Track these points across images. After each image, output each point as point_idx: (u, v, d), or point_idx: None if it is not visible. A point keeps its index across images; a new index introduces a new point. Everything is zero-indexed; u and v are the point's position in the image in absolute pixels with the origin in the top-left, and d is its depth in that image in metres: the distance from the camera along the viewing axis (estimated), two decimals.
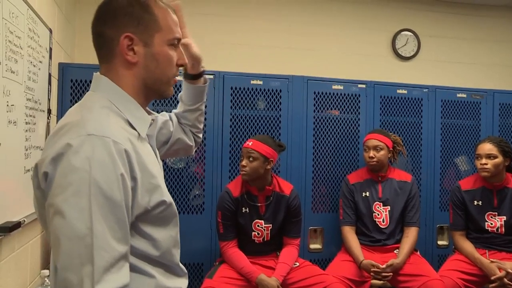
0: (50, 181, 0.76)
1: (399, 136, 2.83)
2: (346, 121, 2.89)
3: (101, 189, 0.76)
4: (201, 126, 1.34)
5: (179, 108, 1.33)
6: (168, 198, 0.89)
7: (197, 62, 1.26)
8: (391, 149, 2.64)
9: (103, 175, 0.76)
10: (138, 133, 0.90)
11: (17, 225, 1.67)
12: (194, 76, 1.29)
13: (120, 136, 0.82)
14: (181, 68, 1.02)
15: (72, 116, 0.84)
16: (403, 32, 3.63)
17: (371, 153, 2.57)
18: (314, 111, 2.83)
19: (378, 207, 2.63)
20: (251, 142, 2.26)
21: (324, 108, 2.85)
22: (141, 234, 0.84)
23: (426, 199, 2.99)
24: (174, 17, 0.96)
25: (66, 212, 0.74)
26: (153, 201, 0.85)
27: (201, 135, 1.35)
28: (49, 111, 2.28)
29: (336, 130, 2.88)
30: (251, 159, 2.21)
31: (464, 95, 3.06)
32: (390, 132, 2.84)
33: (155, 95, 0.97)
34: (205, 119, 2.65)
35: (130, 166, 0.81)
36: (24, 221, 1.77)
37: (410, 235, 2.56)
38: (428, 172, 3.00)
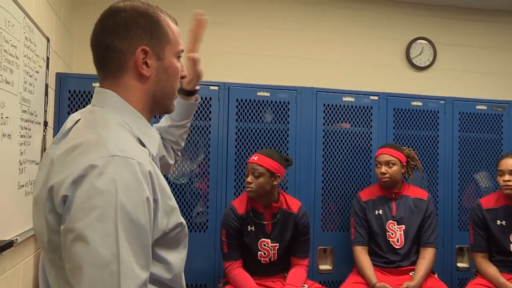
0: (69, 204, 0.75)
1: (414, 150, 2.79)
2: (357, 135, 2.87)
3: (127, 213, 0.75)
4: (183, 144, 1.35)
5: (164, 123, 1.33)
6: (183, 219, 0.90)
7: (197, 79, 1.29)
8: (405, 164, 2.61)
9: (130, 199, 0.75)
10: (149, 151, 0.90)
11: (9, 244, 1.65)
12: (189, 92, 1.30)
13: (143, 157, 0.82)
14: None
15: (85, 134, 0.83)
16: (418, 41, 3.60)
17: (383, 169, 2.54)
18: (324, 124, 2.82)
19: (392, 226, 2.59)
20: (256, 157, 2.25)
21: (334, 121, 2.84)
22: (157, 258, 0.84)
23: (443, 217, 2.95)
24: (177, 28, 0.98)
25: (89, 237, 0.72)
26: (171, 224, 0.86)
27: (180, 154, 1.35)
28: (46, 124, 2.27)
29: (347, 144, 2.86)
30: (256, 174, 2.20)
31: (484, 107, 3.01)
32: (404, 146, 2.82)
33: (159, 110, 0.98)
34: (210, 132, 2.66)
35: (153, 188, 0.81)
36: (17, 239, 1.76)
37: (427, 256, 2.52)
38: (445, 189, 2.96)
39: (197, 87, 1.32)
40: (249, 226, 2.28)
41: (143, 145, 0.90)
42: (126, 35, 0.89)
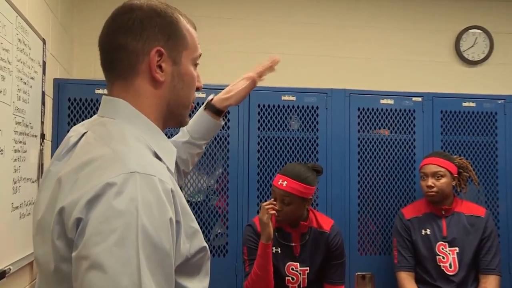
0: (83, 228, 0.74)
1: (466, 160, 2.72)
2: (398, 143, 2.84)
3: (150, 237, 0.74)
4: (191, 167, 1.36)
5: (180, 137, 1.34)
6: (205, 243, 0.91)
7: (237, 101, 1.39)
8: (456, 175, 2.55)
9: (152, 220, 0.75)
10: (167, 167, 0.90)
11: (1, 275, 1.64)
12: (218, 111, 1.37)
13: (164, 174, 0.82)
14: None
15: (97, 149, 0.82)
16: (470, 31, 3.47)
17: (430, 182, 2.49)
18: (359, 131, 2.79)
19: (442, 249, 2.51)
20: (285, 182, 2.17)
21: (370, 127, 2.83)
22: (176, 287, 0.84)
23: (507, 239, 2.83)
24: (196, 34, 1.00)
25: (107, 264, 0.71)
26: (193, 248, 0.86)
27: (186, 177, 1.37)
28: (43, 136, 2.27)
29: (386, 154, 2.82)
30: (286, 202, 2.17)
31: None
32: (454, 155, 2.74)
33: (173, 122, 0.99)
34: (228, 142, 2.65)
35: (175, 208, 0.81)
36: (10, 269, 1.75)
37: (489, 285, 2.43)
38: (507, 204, 2.85)
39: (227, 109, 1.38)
40: (273, 248, 2.25)
41: (160, 160, 0.89)
42: (141, 34, 0.90)
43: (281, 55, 3.20)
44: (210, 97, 1.42)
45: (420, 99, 2.84)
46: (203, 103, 1.53)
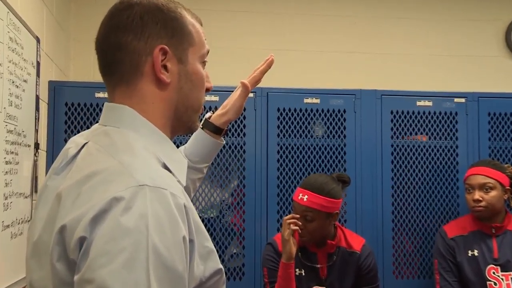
0: (87, 248, 0.74)
1: None
2: (438, 150, 2.80)
3: (161, 257, 0.75)
4: (193, 195, 1.37)
5: None
6: (221, 265, 0.91)
7: (235, 114, 1.41)
8: (508, 188, 2.49)
9: (164, 239, 0.76)
10: (178, 180, 0.91)
11: None
12: (217, 129, 1.39)
13: (176, 187, 0.83)
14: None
15: (101, 160, 0.84)
16: None
17: (477, 195, 2.46)
18: (392, 137, 2.76)
19: (494, 273, 2.45)
20: (306, 196, 2.19)
21: (406, 133, 2.80)
22: None
23: None
24: (202, 29, 1.02)
25: None
26: (208, 270, 0.87)
27: None
28: (37, 146, 2.26)
29: (425, 163, 2.78)
30: (308, 218, 2.18)
31: None
32: (505, 163, 2.69)
33: (182, 128, 1.00)
34: (244, 151, 2.66)
35: (189, 226, 0.82)
36: None
37: None
38: None
39: (227, 126, 1.41)
40: (297, 270, 2.24)
41: (170, 173, 0.91)
42: (142, 32, 0.91)
43: (303, 53, 3.33)
44: (207, 115, 1.47)
45: (463, 100, 2.81)
46: (210, 109, 1.52)
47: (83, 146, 0.90)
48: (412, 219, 2.73)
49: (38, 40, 2.25)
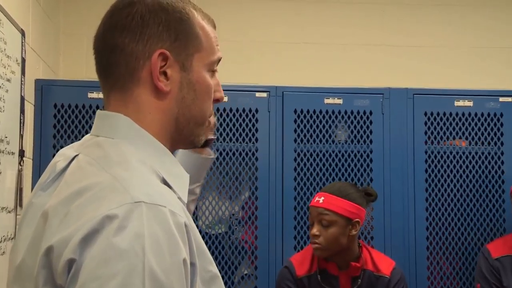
0: (76, 271, 0.76)
1: None
2: (480, 157, 2.77)
3: (158, 283, 0.76)
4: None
5: None
6: None
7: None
8: None
9: (162, 262, 0.77)
10: (179, 197, 0.92)
11: None
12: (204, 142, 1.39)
13: (175, 204, 0.84)
14: None
15: (92, 175, 0.85)
16: None
17: None
18: (426, 142, 2.74)
19: None
20: (322, 198, 2.23)
21: (442, 137, 2.79)
22: None
23: None
24: (215, 32, 1.02)
25: None
26: None
27: None
28: (22, 154, 2.26)
29: (464, 172, 2.76)
30: (325, 223, 2.18)
31: None
32: None
33: (184, 142, 1.01)
34: (257, 158, 2.66)
35: (190, 247, 0.83)
36: None
37: None
38: None
39: (213, 136, 1.41)
40: None
41: (170, 188, 0.92)
42: (142, 33, 0.92)
43: (323, 46, 3.29)
44: None
45: (510, 99, 2.79)
46: (218, 111, 1.51)
47: (72, 159, 0.91)
48: (450, 237, 2.70)
49: (23, 34, 2.25)
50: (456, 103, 2.76)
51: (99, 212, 0.78)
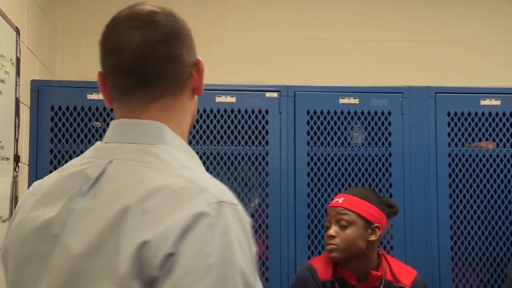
0: (173, 265, 0.85)
1: None
2: (509, 160, 2.77)
3: (244, 276, 0.88)
4: None
5: None
6: None
7: None
8: None
9: (244, 256, 0.89)
10: None
11: None
12: None
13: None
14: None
15: (158, 177, 0.95)
16: None
17: None
18: (450, 144, 2.74)
19: None
20: (342, 198, 2.25)
21: (467, 139, 2.77)
22: None
23: None
24: None
25: None
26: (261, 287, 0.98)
27: None
28: (17, 159, 2.26)
29: (491, 176, 2.74)
30: (343, 223, 2.18)
31: None
32: None
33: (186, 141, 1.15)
34: (267, 163, 2.66)
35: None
36: None
37: None
38: None
39: None
40: None
41: None
42: (189, 44, 1.07)
43: (337, 42, 3.29)
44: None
45: None
46: (226, 112, 1.52)
47: (104, 169, 0.99)
48: (477, 247, 2.69)
49: (17, 32, 2.25)
50: (482, 102, 2.75)
51: (189, 210, 0.88)
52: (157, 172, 0.96)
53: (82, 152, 2.68)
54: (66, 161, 2.57)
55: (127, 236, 0.89)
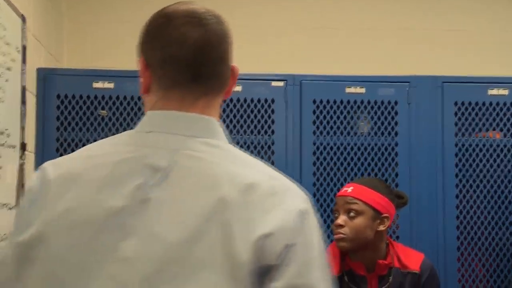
0: (292, 254, 0.95)
1: None
2: None
3: (327, 265, 1.02)
4: None
5: None
6: None
7: None
8: None
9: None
10: None
11: None
12: None
13: None
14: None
15: (243, 171, 1.02)
16: None
17: None
18: (457, 134, 2.74)
19: None
20: (351, 188, 2.25)
21: (474, 129, 2.77)
22: None
23: None
24: None
25: None
26: None
27: None
28: (23, 147, 2.27)
29: (498, 166, 2.74)
30: (352, 214, 2.18)
31: None
32: None
33: None
34: (273, 152, 2.67)
35: None
36: None
37: None
38: None
39: None
40: None
41: None
42: (231, 46, 1.12)
43: (343, 31, 3.29)
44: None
45: None
46: (232, 102, 1.53)
47: (171, 157, 1.02)
48: (483, 237, 2.68)
49: (23, 20, 2.25)
50: (490, 92, 2.74)
51: (295, 206, 0.99)
52: (240, 167, 1.03)
53: (88, 141, 2.69)
54: (73, 150, 2.60)
55: (239, 227, 0.95)
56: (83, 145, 2.69)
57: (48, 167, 1.03)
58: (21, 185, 2.22)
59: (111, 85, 2.56)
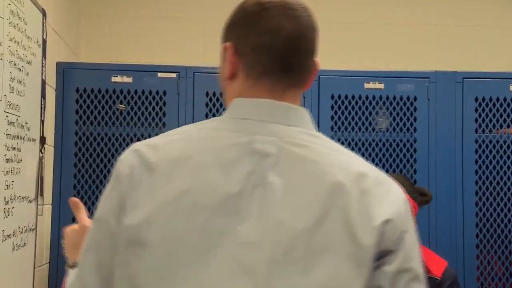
0: (405, 241, 1.03)
1: None
2: None
3: None
4: None
5: None
6: None
7: None
8: None
9: None
10: None
11: None
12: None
13: None
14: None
15: (350, 161, 1.07)
16: None
17: None
18: (477, 130, 2.73)
19: None
20: None
21: (495, 125, 2.76)
22: None
23: None
24: None
25: (421, 276, 1.05)
26: None
27: None
28: (43, 140, 2.28)
29: None
30: None
31: None
32: None
33: None
34: None
35: None
36: None
37: None
38: None
39: None
40: None
41: None
42: (318, 40, 1.14)
43: (362, 26, 3.28)
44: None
45: None
46: None
47: (278, 144, 1.04)
48: (503, 234, 2.67)
49: (44, 14, 2.25)
50: (511, 88, 2.74)
51: (401, 196, 1.06)
52: (346, 157, 1.07)
53: (106, 135, 2.69)
54: (91, 143, 2.61)
55: (358, 213, 1.00)
56: (102, 139, 2.70)
57: (143, 149, 1.02)
58: (40, 178, 2.23)
59: (130, 79, 2.57)
